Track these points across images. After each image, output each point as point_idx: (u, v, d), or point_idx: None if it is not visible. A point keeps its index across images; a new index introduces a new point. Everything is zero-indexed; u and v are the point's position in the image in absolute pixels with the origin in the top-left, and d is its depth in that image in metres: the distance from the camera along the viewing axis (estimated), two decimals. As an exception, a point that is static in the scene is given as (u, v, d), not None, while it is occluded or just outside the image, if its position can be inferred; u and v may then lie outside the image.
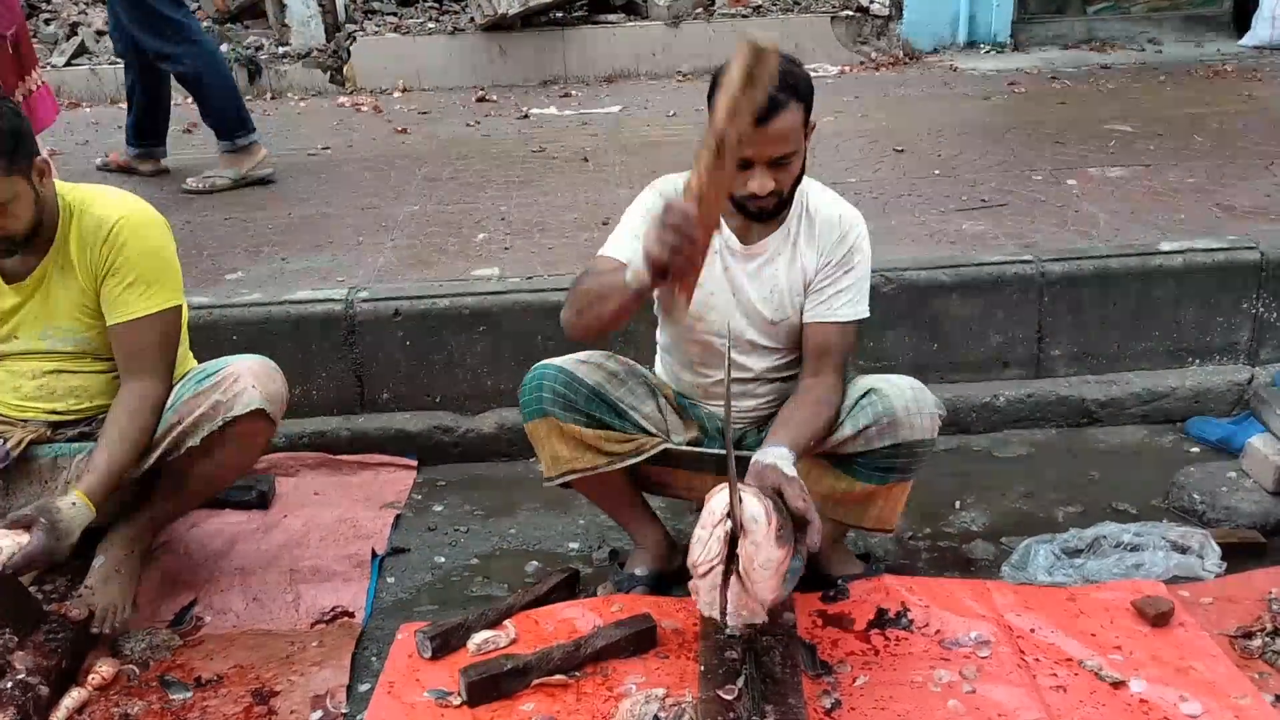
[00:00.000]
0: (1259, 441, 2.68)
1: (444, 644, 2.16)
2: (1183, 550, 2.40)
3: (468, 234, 3.62)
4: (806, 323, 2.21)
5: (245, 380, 2.27)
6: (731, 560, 1.82)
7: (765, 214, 2.12)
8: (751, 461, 1.96)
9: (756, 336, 2.25)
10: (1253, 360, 3.22)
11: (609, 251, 2.16)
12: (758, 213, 2.11)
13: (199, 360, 2.52)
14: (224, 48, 6.36)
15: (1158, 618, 2.15)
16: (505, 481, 2.97)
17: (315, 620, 2.35)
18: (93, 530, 2.35)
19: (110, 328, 2.27)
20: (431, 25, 6.47)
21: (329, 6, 6.40)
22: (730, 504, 1.81)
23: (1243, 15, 6.51)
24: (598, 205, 3.86)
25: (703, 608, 1.87)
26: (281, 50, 6.40)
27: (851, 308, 2.20)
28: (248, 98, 6.03)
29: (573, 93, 5.96)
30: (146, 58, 4.05)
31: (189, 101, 5.94)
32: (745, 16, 6.39)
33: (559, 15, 6.28)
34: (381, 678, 2.11)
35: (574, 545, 2.67)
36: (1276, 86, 5.42)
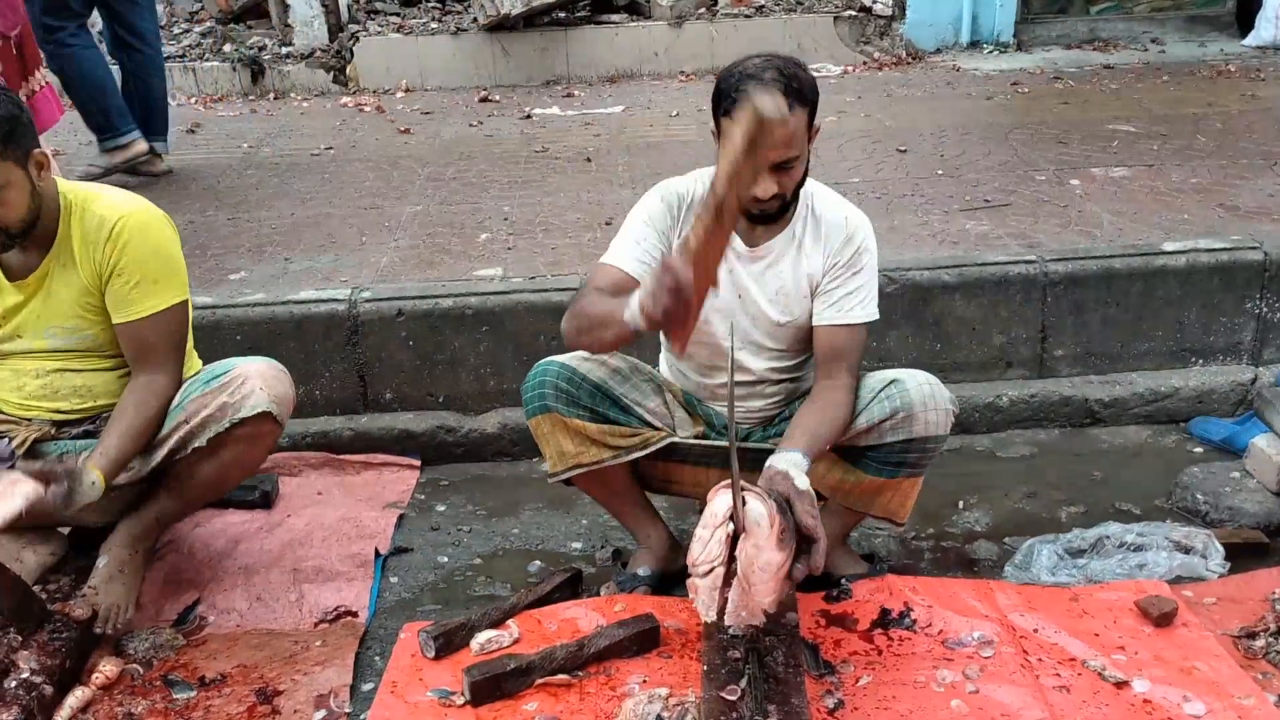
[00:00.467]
0: (1262, 442, 2.68)
1: (447, 643, 2.16)
2: (1186, 550, 2.40)
3: (470, 234, 3.62)
4: (817, 326, 2.21)
5: (253, 382, 2.27)
6: (732, 562, 1.82)
7: (768, 216, 2.13)
8: (766, 464, 1.96)
9: (763, 338, 2.25)
10: (1256, 360, 3.22)
11: (611, 259, 2.16)
12: (760, 215, 2.12)
13: (202, 360, 2.52)
14: (227, 47, 6.38)
15: (1161, 618, 2.15)
16: (508, 481, 2.97)
17: (319, 620, 2.36)
18: (97, 530, 2.36)
19: (117, 326, 2.27)
20: (434, 25, 6.47)
21: (332, 7, 6.40)
22: (733, 506, 1.81)
23: (1246, 15, 6.49)
24: (600, 205, 3.86)
25: (698, 607, 1.88)
26: (284, 50, 6.40)
27: (862, 309, 2.20)
28: (251, 98, 6.07)
29: (575, 93, 5.95)
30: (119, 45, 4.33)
31: (190, 101, 6.01)
32: (748, 16, 6.38)
33: (562, 15, 6.28)
34: (385, 677, 2.12)
35: (577, 545, 2.67)
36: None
